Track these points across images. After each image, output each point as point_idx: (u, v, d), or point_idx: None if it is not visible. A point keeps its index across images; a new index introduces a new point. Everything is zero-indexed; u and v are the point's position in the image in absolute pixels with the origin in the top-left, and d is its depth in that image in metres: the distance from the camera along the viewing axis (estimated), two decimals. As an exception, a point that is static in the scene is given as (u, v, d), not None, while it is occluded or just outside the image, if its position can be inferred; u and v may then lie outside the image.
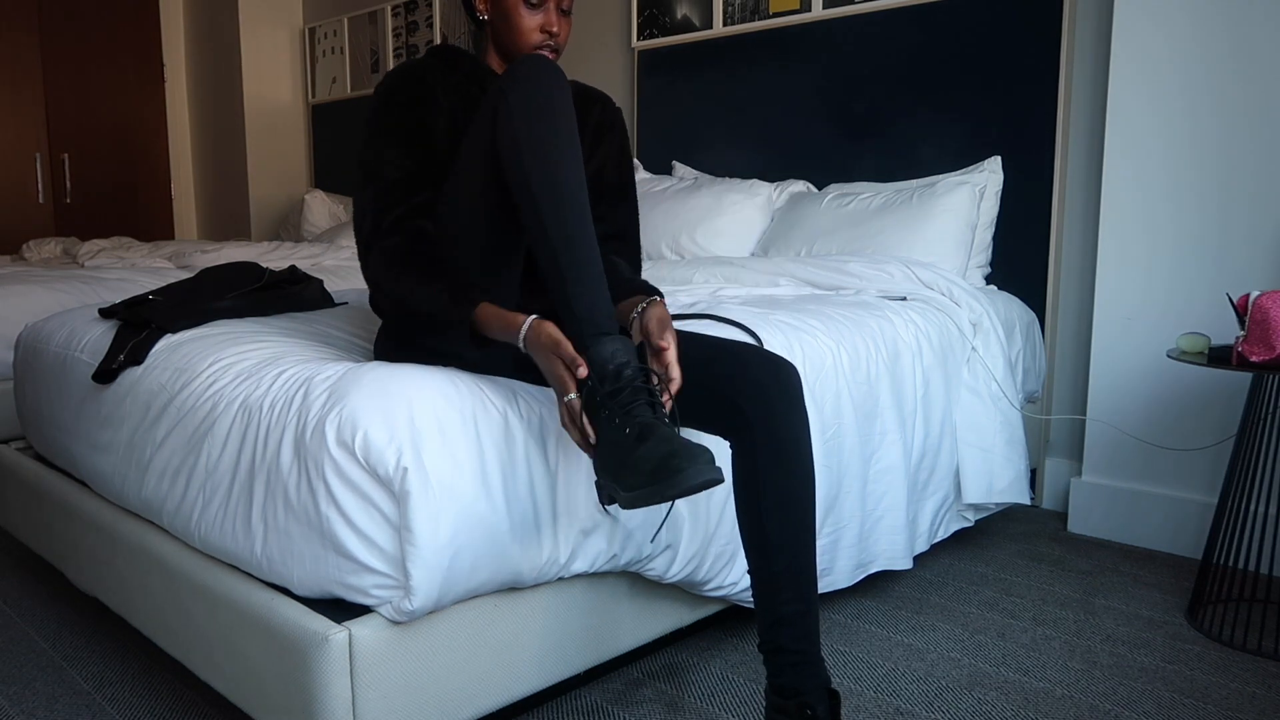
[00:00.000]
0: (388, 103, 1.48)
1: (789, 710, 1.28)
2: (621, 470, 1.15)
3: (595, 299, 1.25)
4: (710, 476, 1.11)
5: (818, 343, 1.80)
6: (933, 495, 2.05)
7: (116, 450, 1.65)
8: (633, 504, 1.14)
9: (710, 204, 2.99)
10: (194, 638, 1.45)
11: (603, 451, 1.19)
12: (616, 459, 1.16)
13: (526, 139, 1.28)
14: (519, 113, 1.30)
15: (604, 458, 1.19)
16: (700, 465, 1.11)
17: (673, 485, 1.10)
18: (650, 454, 1.12)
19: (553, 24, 1.50)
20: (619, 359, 1.20)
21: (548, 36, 1.50)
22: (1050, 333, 2.57)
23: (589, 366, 1.21)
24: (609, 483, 1.18)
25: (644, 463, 1.12)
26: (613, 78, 3.68)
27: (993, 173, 2.58)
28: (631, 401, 1.18)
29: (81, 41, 5.10)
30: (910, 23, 2.78)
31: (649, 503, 1.13)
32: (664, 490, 1.11)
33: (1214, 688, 1.63)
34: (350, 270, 3.52)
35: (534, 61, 1.34)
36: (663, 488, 1.11)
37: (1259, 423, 1.84)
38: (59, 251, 4.18)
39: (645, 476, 1.12)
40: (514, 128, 1.29)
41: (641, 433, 1.15)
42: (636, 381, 1.20)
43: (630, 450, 1.14)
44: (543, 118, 1.30)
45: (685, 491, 1.11)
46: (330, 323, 1.82)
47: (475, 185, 1.37)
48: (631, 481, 1.13)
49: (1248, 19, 2.10)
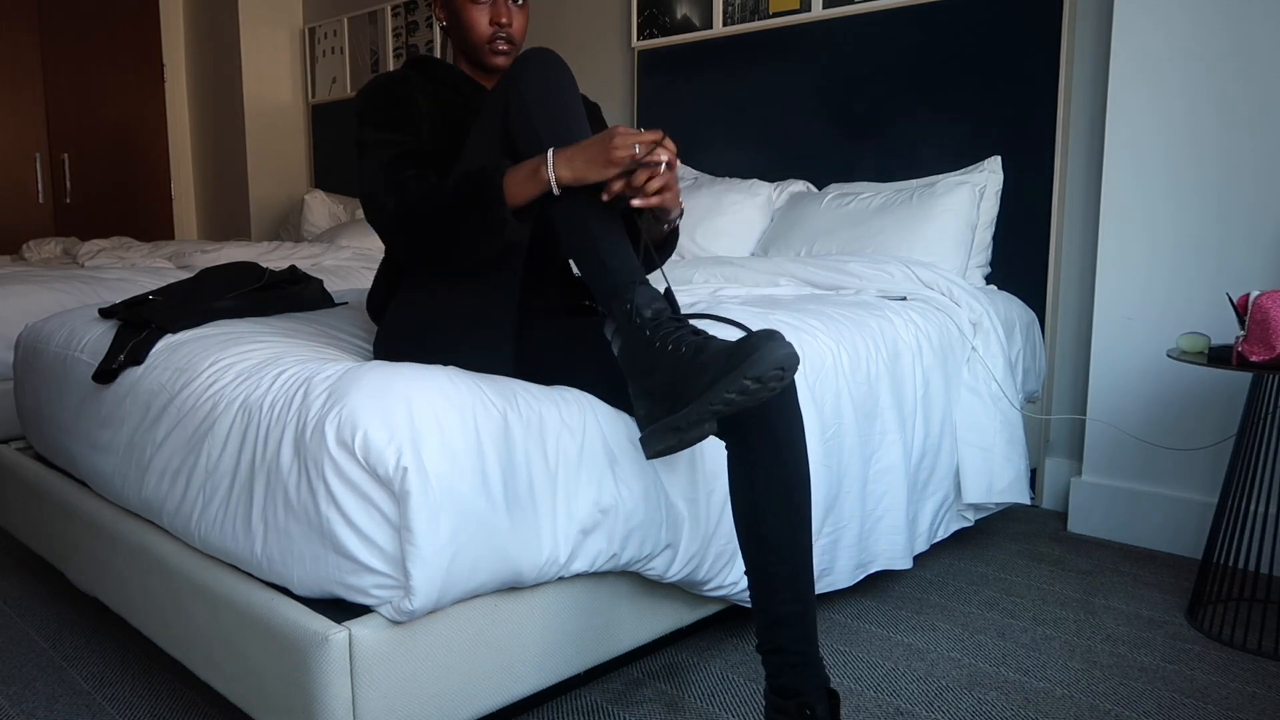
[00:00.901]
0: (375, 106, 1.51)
1: (788, 710, 1.28)
2: (685, 383, 1.14)
3: (625, 254, 1.30)
4: (788, 351, 1.11)
5: (818, 343, 1.80)
6: (933, 495, 2.05)
7: (116, 450, 1.65)
8: (707, 403, 1.13)
9: (710, 204, 2.99)
10: (194, 638, 1.45)
11: (655, 386, 1.19)
12: (675, 379, 1.16)
13: (541, 113, 1.33)
14: (531, 94, 1.34)
15: (657, 390, 1.19)
16: (777, 341, 1.11)
17: (752, 364, 1.10)
18: (718, 353, 1.13)
19: (502, 16, 1.53)
20: (656, 304, 1.25)
21: (499, 29, 1.54)
22: (1050, 333, 2.57)
23: (632, 312, 1.23)
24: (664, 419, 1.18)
25: (712, 362, 1.12)
26: (613, 78, 3.68)
27: (993, 173, 2.58)
28: (678, 331, 1.21)
29: (81, 41, 5.10)
30: (910, 23, 2.78)
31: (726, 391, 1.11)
32: (744, 370, 1.10)
33: (1214, 688, 1.63)
34: (350, 270, 3.52)
35: (539, 53, 1.39)
36: (743, 369, 1.10)
37: (1259, 423, 1.84)
38: (59, 251, 4.18)
39: (719, 370, 1.12)
40: (529, 106, 1.33)
41: (697, 349, 1.17)
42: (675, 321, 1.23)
43: (691, 364, 1.15)
44: (554, 95, 1.34)
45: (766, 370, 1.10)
46: (330, 323, 1.82)
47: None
48: (702, 382, 1.12)
49: (1248, 19, 2.10)
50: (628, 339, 1.25)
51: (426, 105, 1.52)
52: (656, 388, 1.19)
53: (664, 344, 1.19)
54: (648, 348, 1.21)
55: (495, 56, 1.56)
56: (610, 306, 1.28)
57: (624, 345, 1.26)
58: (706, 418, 1.16)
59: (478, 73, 1.62)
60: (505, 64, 1.58)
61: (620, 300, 1.26)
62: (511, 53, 1.57)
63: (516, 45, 1.57)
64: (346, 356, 1.55)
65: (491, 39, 1.54)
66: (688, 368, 1.15)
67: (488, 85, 1.63)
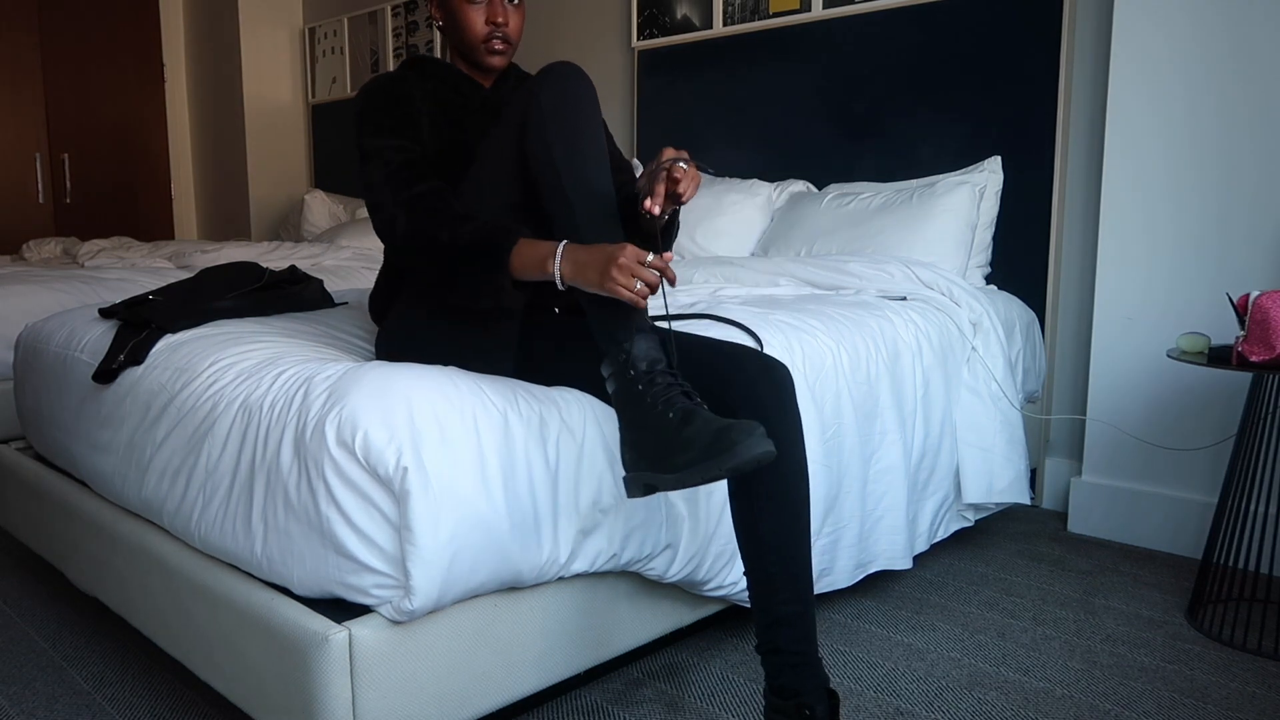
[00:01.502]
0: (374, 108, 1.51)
1: (788, 711, 1.28)
2: (668, 452, 1.18)
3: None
4: (765, 449, 1.14)
5: (818, 343, 1.80)
6: (933, 495, 2.05)
7: (116, 450, 1.65)
8: (683, 482, 1.17)
9: (710, 204, 2.99)
10: (194, 638, 1.45)
11: (642, 440, 1.23)
12: (660, 443, 1.19)
13: (557, 133, 1.32)
14: (550, 110, 1.34)
15: (643, 447, 1.22)
16: (756, 438, 1.14)
17: (730, 457, 1.13)
18: (701, 431, 1.16)
19: (497, 15, 1.53)
20: (653, 355, 1.26)
21: (494, 28, 1.54)
22: (1050, 333, 2.57)
23: (627, 363, 1.25)
24: (647, 472, 1.21)
25: (696, 439, 1.15)
26: (613, 78, 3.68)
27: (993, 173, 2.58)
28: (668, 391, 1.23)
29: (81, 41, 5.10)
30: (910, 23, 2.78)
31: (703, 477, 1.15)
32: (722, 463, 1.14)
33: (1214, 688, 1.63)
34: (350, 270, 3.52)
35: (563, 68, 1.38)
36: (720, 461, 1.14)
37: (1259, 423, 1.84)
38: (59, 251, 4.18)
39: (699, 451, 1.15)
40: (545, 123, 1.33)
41: (685, 417, 1.19)
42: (668, 376, 1.25)
43: (675, 432, 1.18)
44: (572, 114, 1.34)
45: (742, 464, 1.14)
46: (330, 323, 1.82)
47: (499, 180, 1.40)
48: (682, 460, 1.16)
49: (1248, 19, 2.10)
50: (621, 385, 1.28)
51: (425, 105, 1.53)
52: (643, 442, 1.23)
53: (654, 403, 1.23)
54: (639, 402, 1.24)
55: (491, 56, 1.56)
56: (607, 349, 1.30)
57: (617, 390, 1.29)
58: (682, 487, 1.21)
59: (474, 71, 1.62)
60: (502, 63, 1.58)
61: (619, 347, 1.27)
62: (508, 52, 1.57)
63: (513, 44, 1.57)
64: (347, 356, 1.55)
65: (487, 38, 1.54)
66: (672, 436, 1.19)
67: (485, 84, 1.63)
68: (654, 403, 1.23)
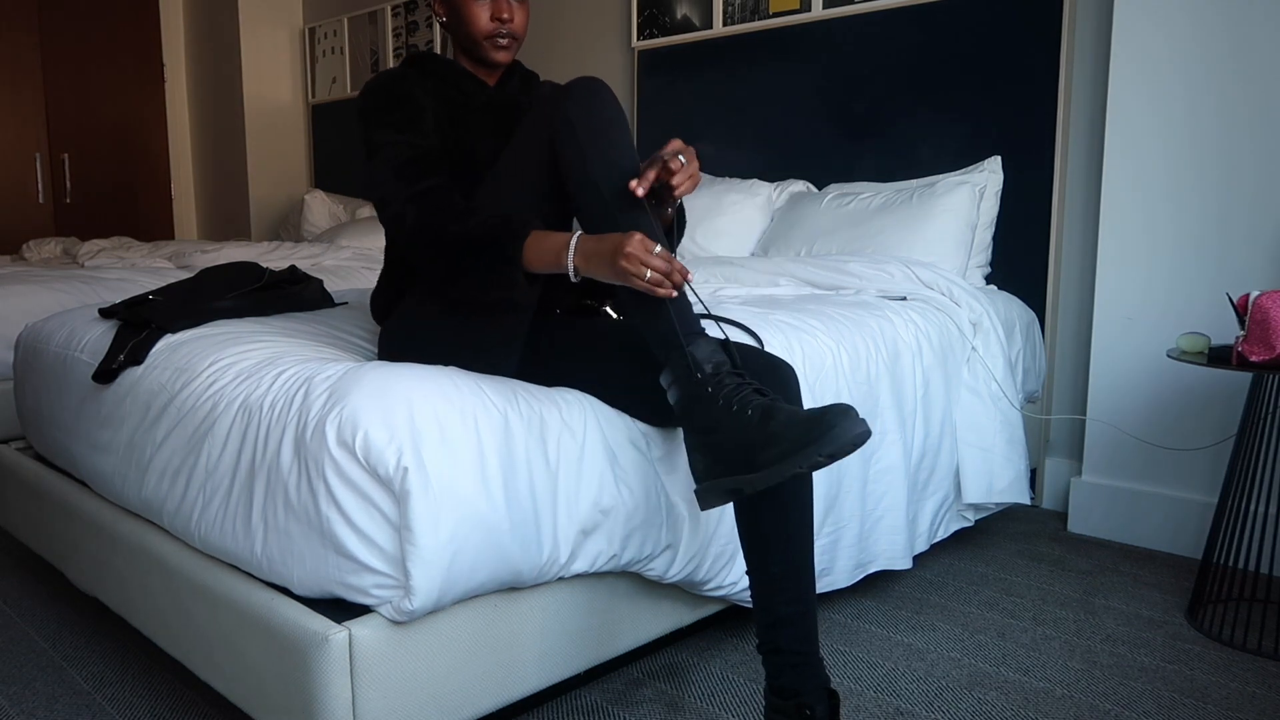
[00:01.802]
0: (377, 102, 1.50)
1: (788, 711, 1.28)
2: (753, 450, 1.15)
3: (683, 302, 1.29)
4: (863, 429, 1.12)
5: (818, 343, 1.80)
6: (933, 495, 2.05)
7: (116, 450, 1.65)
8: (778, 475, 1.14)
9: (710, 204, 2.99)
10: (194, 638, 1.45)
11: (718, 444, 1.20)
12: (742, 443, 1.17)
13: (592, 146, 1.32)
14: (582, 124, 1.33)
15: (721, 451, 1.19)
16: (852, 419, 1.12)
17: (829, 442, 1.11)
18: (789, 423, 1.13)
19: (503, 11, 1.53)
20: (717, 357, 1.24)
21: (500, 24, 1.54)
22: (1050, 333, 2.57)
23: (692, 367, 1.22)
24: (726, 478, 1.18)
25: (785, 432, 1.13)
26: (613, 78, 3.68)
27: (993, 173, 2.58)
28: (740, 390, 1.21)
29: (81, 41, 5.10)
30: (910, 23, 2.78)
31: (804, 465, 1.13)
32: (821, 447, 1.11)
33: (1214, 688, 1.63)
34: (350, 270, 3.52)
35: (590, 83, 1.38)
36: (820, 445, 1.11)
37: (1259, 423, 1.84)
38: (59, 251, 4.18)
39: (791, 442, 1.12)
40: (579, 138, 1.33)
41: (766, 412, 1.17)
42: (736, 375, 1.23)
43: (759, 429, 1.15)
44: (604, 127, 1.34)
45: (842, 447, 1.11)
46: (330, 323, 1.82)
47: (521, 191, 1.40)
48: (773, 453, 1.13)
49: (1248, 19, 2.10)
50: (685, 391, 1.24)
51: (426, 101, 1.52)
52: (720, 446, 1.20)
53: (728, 403, 1.20)
54: (709, 404, 1.21)
55: (496, 51, 1.56)
56: (668, 356, 1.27)
57: (681, 397, 1.25)
58: (775, 483, 1.17)
59: (478, 68, 1.61)
60: (506, 59, 1.58)
61: (679, 351, 1.25)
62: (512, 47, 1.57)
63: (518, 40, 1.57)
64: (347, 356, 1.55)
65: (492, 34, 1.54)
66: (756, 433, 1.16)
67: (489, 81, 1.63)
68: (728, 403, 1.20)
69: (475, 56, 1.59)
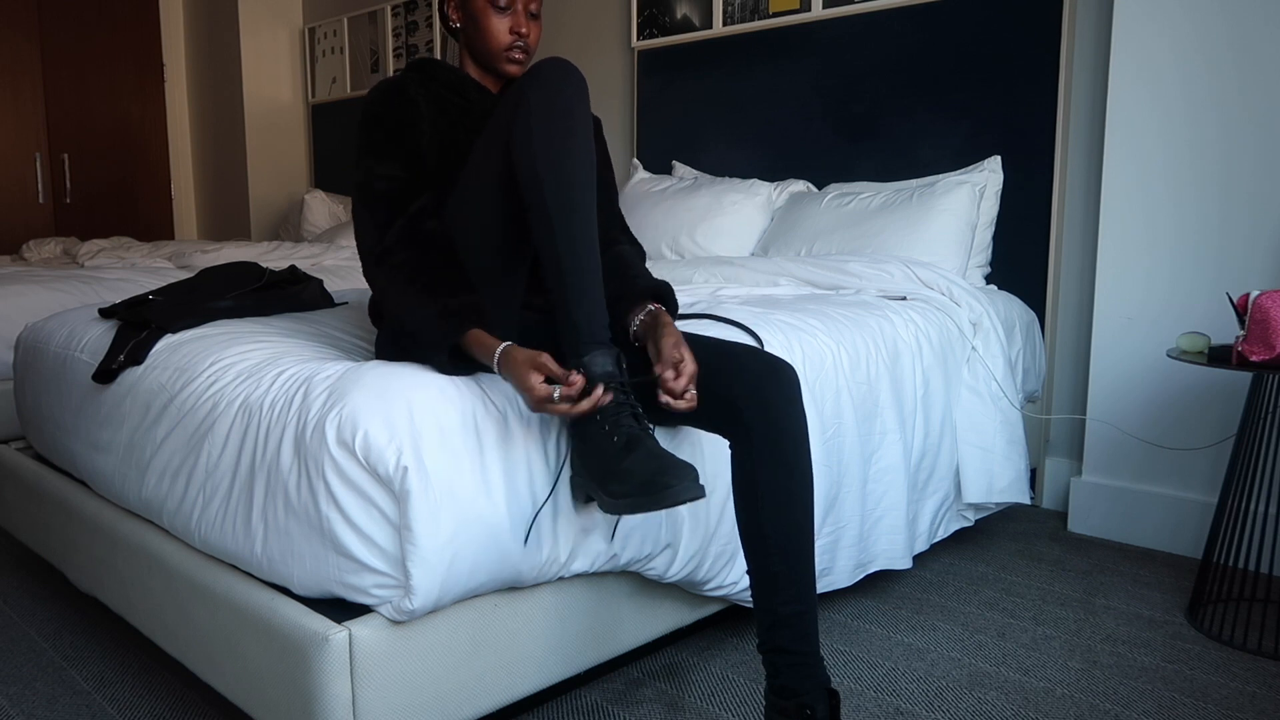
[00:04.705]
0: (373, 118, 1.50)
1: (788, 710, 1.28)
2: (608, 477, 1.21)
3: (593, 308, 1.30)
4: (696, 495, 1.18)
5: (817, 342, 1.80)
6: (933, 495, 2.05)
7: (116, 450, 1.65)
8: (615, 510, 1.20)
9: (710, 204, 2.99)
10: (194, 638, 1.45)
11: (588, 453, 1.26)
12: (602, 464, 1.22)
13: (543, 141, 1.31)
14: (538, 113, 1.32)
15: (588, 461, 1.25)
16: (687, 483, 1.17)
17: (661, 499, 1.17)
18: (639, 466, 1.19)
19: (521, 25, 1.54)
20: (607, 369, 1.26)
21: (517, 38, 1.54)
22: (1050, 333, 2.57)
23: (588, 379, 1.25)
24: (589, 483, 1.25)
25: (633, 474, 1.19)
26: (613, 78, 3.68)
27: (993, 172, 2.58)
28: (617, 412, 1.25)
29: (81, 42, 5.10)
30: (910, 23, 2.78)
31: (633, 512, 1.19)
32: (653, 502, 1.17)
33: (1214, 687, 1.63)
34: (350, 270, 3.52)
35: (556, 64, 1.36)
36: (652, 500, 1.17)
37: (1259, 422, 1.84)
38: (59, 251, 4.18)
39: (634, 486, 1.18)
40: (531, 128, 1.31)
41: (628, 443, 1.22)
42: (620, 395, 1.26)
43: (617, 458, 1.21)
44: (561, 119, 1.32)
45: (670, 505, 1.18)
46: (330, 323, 1.82)
47: (489, 181, 1.39)
48: (619, 489, 1.19)
49: (1248, 19, 2.10)
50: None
51: (428, 109, 1.52)
52: (586, 455, 1.26)
53: (602, 421, 1.24)
54: (590, 419, 1.26)
55: (510, 65, 1.56)
56: (568, 360, 1.29)
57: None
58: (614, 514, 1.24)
59: (486, 77, 1.61)
60: (519, 72, 1.56)
61: (576, 359, 1.27)
62: (525, 61, 1.57)
63: (530, 55, 1.58)
64: (346, 356, 1.55)
65: (510, 47, 1.54)
66: (614, 462, 1.21)
67: (494, 89, 1.62)
68: (601, 421, 1.24)
69: (488, 67, 1.58)
